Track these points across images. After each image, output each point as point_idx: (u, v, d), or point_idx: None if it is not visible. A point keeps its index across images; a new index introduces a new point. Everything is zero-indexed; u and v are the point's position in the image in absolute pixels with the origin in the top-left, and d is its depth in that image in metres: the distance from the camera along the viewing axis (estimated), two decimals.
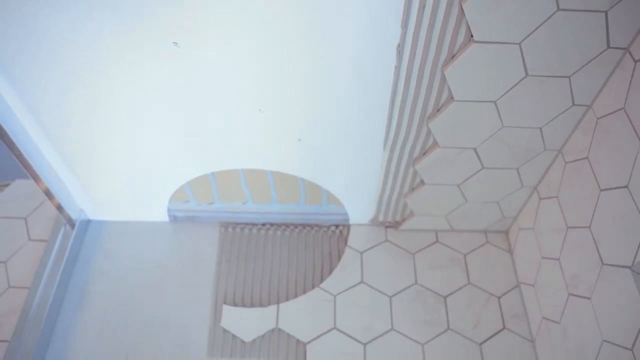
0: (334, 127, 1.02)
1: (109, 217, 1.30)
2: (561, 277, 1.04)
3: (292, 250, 1.27)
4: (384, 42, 0.85)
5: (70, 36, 0.83)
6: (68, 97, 0.95)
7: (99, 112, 0.99)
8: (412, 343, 1.13)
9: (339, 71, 0.90)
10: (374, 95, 0.95)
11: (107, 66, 0.88)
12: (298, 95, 0.95)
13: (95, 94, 0.94)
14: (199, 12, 0.79)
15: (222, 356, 1.11)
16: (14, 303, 1.20)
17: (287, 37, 0.83)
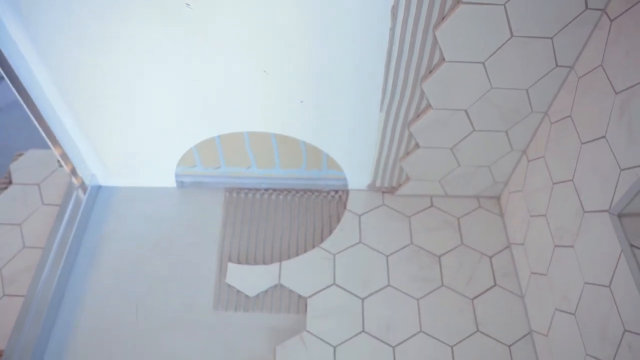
0: (334, 89, 1.08)
1: (119, 183, 1.37)
2: (548, 232, 1.10)
3: (294, 214, 1.33)
4: (380, 4, 0.91)
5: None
6: (82, 58, 1.01)
7: (111, 74, 1.05)
8: (408, 298, 1.19)
9: (339, 32, 0.96)
10: (370, 58, 1.01)
11: (119, 27, 0.94)
12: (300, 57, 1.02)
13: (107, 55, 1.01)
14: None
15: (227, 309, 1.17)
16: (29, 261, 1.27)
17: (290, 1, 0.91)
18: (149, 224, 1.30)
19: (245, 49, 1.00)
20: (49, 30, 0.96)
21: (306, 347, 1.12)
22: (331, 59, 1.02)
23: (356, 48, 0.99)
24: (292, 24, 0.95)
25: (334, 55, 1.01)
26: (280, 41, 0.98)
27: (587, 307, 0.95)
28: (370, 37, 0.97)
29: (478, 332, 1.15)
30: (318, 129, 1.18)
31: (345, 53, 1.00)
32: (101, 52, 1.00)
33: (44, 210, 1.35)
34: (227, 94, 1.10)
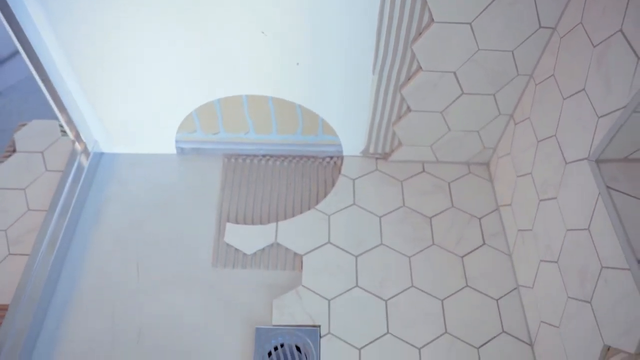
0: (328, 51, 1.13)
1: (121, 149, 1.41)
2: (533, 189, 1.15)
3: (290, 179, 1.38)
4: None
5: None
6: (89, 21, 1.06)
7: (113, 38, 1.10)
8: (400, 256, 1.24)
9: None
10: (362, 19, 1.06)
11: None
12: (296, 18, 1.06)
13: (109, 17, 1.05)
14: None
15: (225, 267, 1.22)
16: (33, 223, 1.31)
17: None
18: (150, 188, 1.35)
19: (242, 10, 1.04)
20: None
21: (301, 300, 1.16)
22: (324, 20, 1.06)
23: (349, 9, 1.04)
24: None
25: (328, 16, 1.05)
26: (276, 2, 1.03)
27: (568, 253, 1.00)
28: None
29: (467, 287, 1.20)
30: (313, 92, 1.22)
31: (339, 14, 1.05)
32: (105, 12, 1.04)
33: (48, 176, 1.39)
34: (224, 57, 1.14)
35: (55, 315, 1.14)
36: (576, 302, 0.96)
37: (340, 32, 1.09)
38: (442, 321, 1.15)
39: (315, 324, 1.13)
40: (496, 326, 1.14)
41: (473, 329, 1.14)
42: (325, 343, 1.11)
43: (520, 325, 1.15)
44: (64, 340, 1.10)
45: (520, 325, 1.15)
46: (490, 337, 1.13)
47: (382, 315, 1.15)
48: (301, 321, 1.13)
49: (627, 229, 0.85)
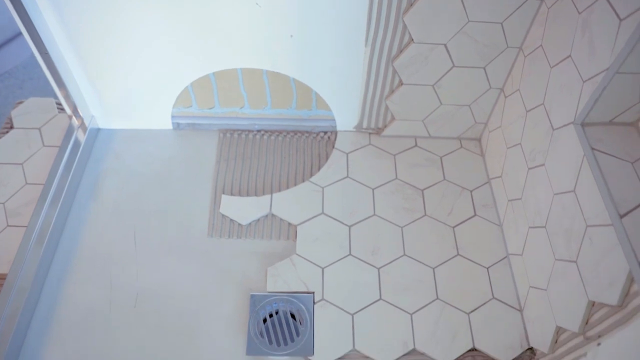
0: (321, 23, 1.15)
1: (117, 125, 1.43)
2: (522, 158, 1.18)
3: (285, 153, 1.40)
4: None
5: None
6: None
7: (111, 9, 1.11)
8: (392, 226, 1.26)
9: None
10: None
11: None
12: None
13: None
14: None
15: (221, 236, 1.24)
16: (31, 196, 1.32)
17: None
18: (147, 162, 1.37)
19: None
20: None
21: (296, 268, 1.18)
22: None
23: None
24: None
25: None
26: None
27: (555, 217, 1.02)
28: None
29: (458, 255, 1.22)
30: (306, 64, 1.24)
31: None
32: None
33: (45, 151, 1.40)
34: (219, 29, 1.16)
35: (54, 282, 1.16)
36: (563, 263, 0.99)
37: (333, 4, 1.11)
38: (434, 288, 1.17)
39: (309, 290, 1.15)
40: (486, 293, 1.17)
41: (464, 295, 1.16)
42: (319, 309, 1.13)
43: (510, 291, 1.17)
44: (63, 305, 1.12)
45: (510, 291, 1.17)
46: (481, 303, 1.15)
47: (375, 283, 1.17)
48: (295, 288, 1.16)
49: (610, 187, 0.88)
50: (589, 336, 0.91)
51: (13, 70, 2.44)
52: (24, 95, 2.22)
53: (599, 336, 0.88)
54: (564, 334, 0.99)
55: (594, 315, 0.90)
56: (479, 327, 1.12)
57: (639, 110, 0.95)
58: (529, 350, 1.11)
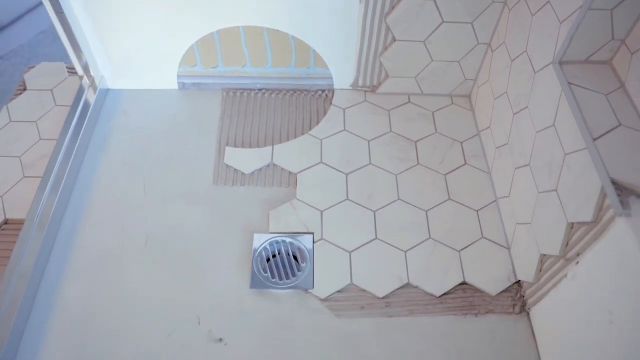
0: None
1: (125, 85, 1.50)
2: (508, 105, 1.25)
3: (285, 110, 1.48)
4: None
5: None
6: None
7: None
8: (387, 173, 1.33)
9: None
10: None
11: None
12: None
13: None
14: None
15: (225, 184, 1.31)
16: (45, 151, 1.40)
17: None
18: (154, 118, 1.44)
19: None
20: None
21: (296, 211, 1.26)
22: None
23: None
24: None
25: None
26: None
27: (538, 153, 1.10)
28: None
29: (449, 200, 1.29)
30: (304, 21, 1.32)
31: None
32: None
33: (57, 110, 1.47)
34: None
35: (69, 226, 1.23)
36: (545, 194, 1.06)
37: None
38: (426, 228, 1.24)
39: (309, 231, 1.23)
40: (476, 233, 1.24)
41: (454, 235, 1.24)
42: (318, 248, 1.20)
43: (498, 231, 1.25)
44: (78, 246, 1.20)
45: (498, 231, 1.25)
46: (471, 242, 1.23)
47: (371, 224, 1.25)
48: (296, 229, 1.23)
49: (585, 115, 0.95)
50: (569, 257, 0.98)
51: (19, 49, 2.52)
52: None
53: (577, 255, 0.95)
54: (547, 261, 1.06)
55: (573, 238, 0.97)
56: (469, 264, 1.19)
57: (612, 48, 1.03)
58: (516, 284, 1.18)
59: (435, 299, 1.15)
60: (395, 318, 1.12)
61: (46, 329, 1.08)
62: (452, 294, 1.15)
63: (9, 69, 2.45)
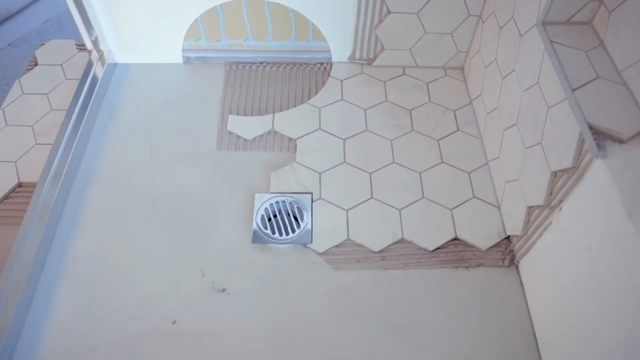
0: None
1: (133, 59, 1.57)
2: (497, 71, 1.31)
3: (285, 82, 1.54)
4: None
5: None
6: None
7: None
8: (383, 139, 1.39)
9: None
10: None
11: None
12: None
13: None
14: None
15: (228, 149, 1.37)
16: (56, 120, 1.46)
17: None
18: (160, 90, 1.51)
19: None
20: None
21: (296, 173, 1.32)
22: None
23: None
24: None
25: None
26: None
27: (524, 111, 1.16)
28: None
29: (442, 163, 1.35)
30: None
31: None
32: None
33: (67, 83, 1.54)
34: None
35: (80, 186, 1.29)
36: (531, 149, 1.12)
37: None
38: (420, 189, 1.30)
39: (308, 191, 1.29)
40: (467, 192, 1.30)
41: (447, 195, 1.29)
42: (316, 206, 1.26)
43: (489, 191, 1.30)
44: (89, 205, 1.26)
45: (489, 191, 1.30)
46: (462, 201, 1.28)
47: (367, 185, 1.30)
48: (295, 189, 1.29)
49: (565, 69, 1.01)
50: (553, 205, 1.04)
51: (26, 37, 2.59)
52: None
53: (560, 201, 1.01)
54: (534, 213, 1.12)
55: (556, 186, 1.03)
56: (460, 221, 1.25)
57: (592, 9, 1.09)
58: (505, 240, 1.23)
59: (429, 253, 1.20)
60: (390, 271, 1.18)
61: (59, 279, 1.14)
62: (444, 249, 1.21)
63: (17, 56, 2.52)
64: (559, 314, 1.03)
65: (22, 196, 1.30)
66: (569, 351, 0.99)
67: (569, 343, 1.00)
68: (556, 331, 1.04)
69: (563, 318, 1.01)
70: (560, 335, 1.02)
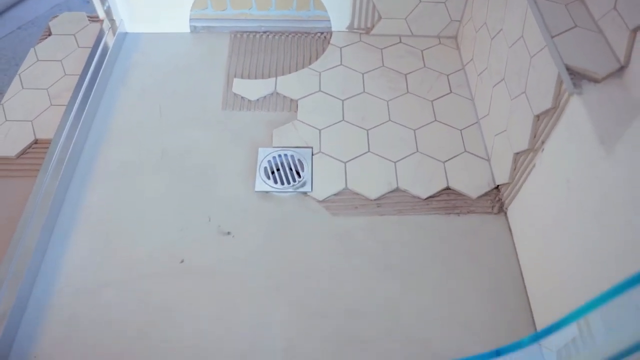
0: None
1: (142, 29, 1.66)
2: (487, 34, 1.38)
3: (287, 49, 1.63)
4: None
5: None
6: None
7: None
8: (380, 100, 1.47)
9: None
10: None
11: None
12: None
13: None
14: None
15: (233, 109, 1.45)
16: (69, 84, 1.53)
17: None
18: (168, 56, 1.60)
19: None
20: None
21: (297, 130, 1.39)
22: None
23: None
24: None
25: None
26: None
27: (511, 65, 1.23)
28: None
29: (436, 121, 1.42)
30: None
31: None
32: None
33: (80, 51, 1.62)
34: None
35: (93, 143, 1.37)
36: (516, 99, 1.19)
37: None
38: (414, 144, 1.37)
39: (308, 145, 1.36)
40: (459, 147, 1.37)
41: (440, 149, 1.37)
42: (316, 159, 1.34)
43: (480, 146, 1.37)
44: (102, 159, 1.34)
45: (479, 146, 1.37)
46: (454, 155, 1.36)
47: (364, 140, 1.38)
48: (297, 144, 1.36)
49: (546, 19, 1.09)
50: (537, 148, 1.11)
51: (35, 20, 2.68)
52: None
53: (543, 143, 1.08)
54: (520, 159, 1.19)
55: (539, 129, 1.10)
56: (452, 172, 1.32)
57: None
58: (495, 189, 1.30)
59: (422, 201, 1.27)
60: (386, 217, 1.25)
61: (74, 225, 1.22)
62: (437, 197, 1.28)
63: (27, 38, 2.61)
64: (543, 252, 1.10)
65: (39, 151, 1.38)
66: (552, 285, 1.05)
67: (552, 277, 1.07)
68: (541, 268, 1.11)
69: (547, 255, 1.08)
70: (544, 270, 1.09)
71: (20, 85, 1.53)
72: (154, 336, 1.06)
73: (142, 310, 1.09)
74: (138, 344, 1.05)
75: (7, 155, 1.36)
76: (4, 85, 2.48)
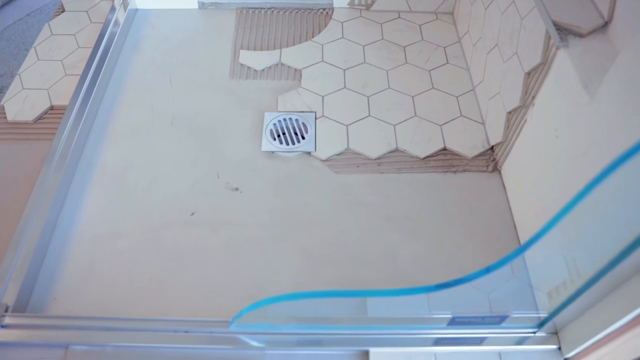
0: None
1: (152, 5, 1.73)
2: (481, 5, 1.45)
3: (291, 24, 1.70)
4: None
5: None
6: None
7: None
8: (379, 70, 1.54)
9: None
10: None
11: None
12: None
13: None
14: None
15: (240, 78, 1.52)
16: (83, 56, 1.59)
17: None
18: (177, 30, 1.67)
19: None
20: None
21: (301, 96, 1.46)
22: None
23: None
24: None
25: None
26: None
27: (503, 31, 1.30)
28: None
29: (433, 89, 1.49)
30: None
31: None
32: None
33: (92, 26, 1.69)
34: None
35: (107, 106, 1.44)
36: (509, 61, 1.26)
37: None
38: (413, 109, 1.44)
39: (312, 110, 1.43)
40: (455, 112, 1.44)
41: (437, 113, 1.44)
42: (319, 123, 1.40)
43: (475, 111, 1.44)
44: (115, 121, 1.41)
45: (474, 111, 1.44)
46: (451, 119, 1.42)
47: (365, 105, 1.44)
48: (300, 109, 1.43)
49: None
50: (527, 104, 1.17)
51: (43, 8, 2.76)
52: None
53: (533, 98, 1.14)
54: (512, 118, 1.25)
55: (529, 86, 1.16)
56: (449, 134, 1.38)
57: None
58: (489, 150, 1.37)
59: (420, 160, 1.34)
60: (386, 174, 1.32)
61: (89, 182, 1.29)
62: (434, 157, 1.35)
63: (35, 24, 2.69)
64: (534, 201, 1.16)
65: (55, 116, 1.45)
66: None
67: (542, 224, 1.13)
68: (532, 216, 1.17)
69: (537, 203, 1.14)
70: (534, 218, 1.15)
71: (36, 57, 1.60)
72: (167, 281, 1.12)
73: (155, 257, 1.16)
74: (151, 286, 1.11)
75: (25, 120, 1.43)
76: (14, 69, 2.56)
